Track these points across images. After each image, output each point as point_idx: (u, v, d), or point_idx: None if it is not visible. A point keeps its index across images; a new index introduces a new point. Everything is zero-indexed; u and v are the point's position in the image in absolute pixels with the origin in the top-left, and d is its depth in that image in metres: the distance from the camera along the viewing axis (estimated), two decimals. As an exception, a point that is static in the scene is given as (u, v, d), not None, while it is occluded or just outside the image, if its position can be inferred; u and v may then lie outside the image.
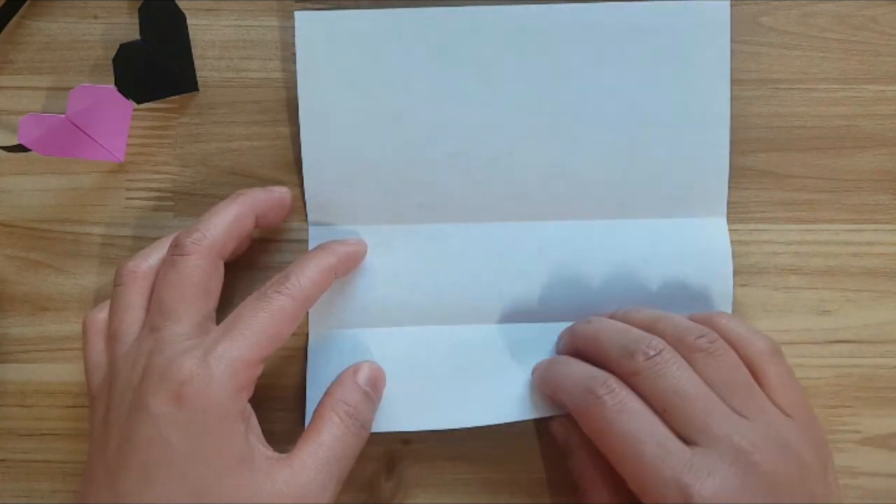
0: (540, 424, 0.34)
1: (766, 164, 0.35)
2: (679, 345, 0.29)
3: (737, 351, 0.29)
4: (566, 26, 0.33)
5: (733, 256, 0.34)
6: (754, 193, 0.35)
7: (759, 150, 0.35)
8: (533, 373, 0.32)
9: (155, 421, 0.27)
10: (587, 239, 0.34)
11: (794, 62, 0.35)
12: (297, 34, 0.33)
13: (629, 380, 0.28)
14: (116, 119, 0.34)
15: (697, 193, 0.34)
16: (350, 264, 0.33)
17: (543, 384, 0.31)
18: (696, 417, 0.27)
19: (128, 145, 0.35)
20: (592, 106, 0.34)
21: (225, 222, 0.31)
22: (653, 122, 0.34)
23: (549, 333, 0.33)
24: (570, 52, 0.33)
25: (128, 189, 0.35)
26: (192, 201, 0.35)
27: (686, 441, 0.27)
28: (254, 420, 0.29)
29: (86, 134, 0.33)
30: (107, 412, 0.28)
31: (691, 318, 0.31)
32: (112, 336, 0.30)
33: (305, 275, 0.30)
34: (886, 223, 0.35)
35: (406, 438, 0.34)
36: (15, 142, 0.32)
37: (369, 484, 0.34)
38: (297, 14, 0.33)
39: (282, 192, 0.33)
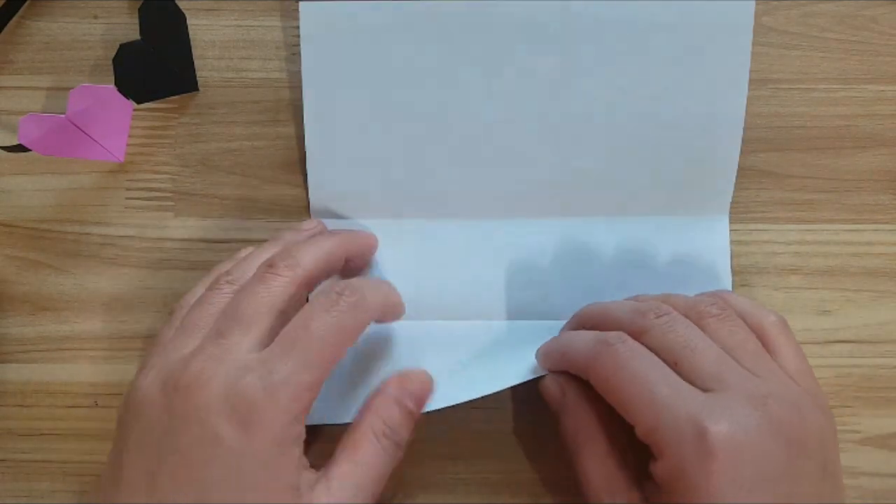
0: (539, 425, 0.34)
1: (766, 164, 0.35)
2: (691, 312, 0.29)
3: (746, 322, 0.29)
4: (581, 22, 0.33)
5: (732, 256, 0.34)
6: (754, 193, 0.35)
7: (759, 150, 0.35)
8: (537, 353, 0.31)
9: (213, 441, 0.26)
10: (590, 236, 0.34)
11: (794, 62, 0.35)
12: (301, 25, 0.33)
13: (640, 338, 0.28)
14: (116, 119, 0.34)
15: (703, 192, 0.34)
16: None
17: (548, 357, 0.31)
18: (707, 368, 0.27)
19: (128, 145, 0.35)
20: (602, 103, 0.33)
21: (320, 256, 0.30)
22: (664, 120, 0.33)
23: (552, 331, 0.33)
24: (582, 48, 0.33)
25: (128, 189, 0.35)
26: (192, 201, 0.35)
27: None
28: (303, 437, 0.28)
29: (86, 134, 0.33)
30: (148, 407, 0.27)
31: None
32: (184, 325, 0.29)
33: (372, 294, 0.29)
34: (886, 223, 0.35)
35: (406, 438, 0.34)
36: (15, 142, 0.32)
37: (369, 484, 0.34)
38: (302, 4, 0.33)
39: (371, 238, 0.34)
